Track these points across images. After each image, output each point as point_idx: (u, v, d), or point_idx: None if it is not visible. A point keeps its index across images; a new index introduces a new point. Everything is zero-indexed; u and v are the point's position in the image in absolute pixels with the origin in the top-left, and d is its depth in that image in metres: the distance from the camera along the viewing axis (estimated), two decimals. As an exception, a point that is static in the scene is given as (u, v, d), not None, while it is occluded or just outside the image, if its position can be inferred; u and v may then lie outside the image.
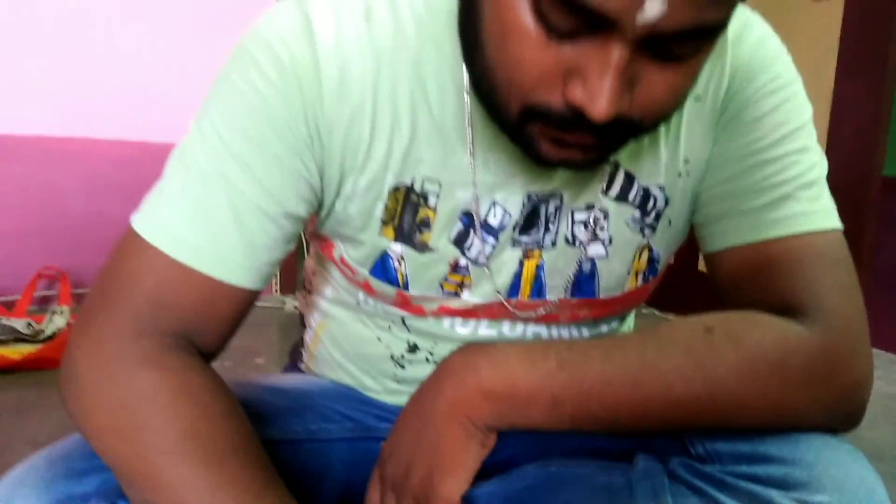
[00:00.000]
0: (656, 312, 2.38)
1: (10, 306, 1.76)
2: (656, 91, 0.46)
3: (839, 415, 0.56)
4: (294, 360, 0.82)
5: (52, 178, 1.91)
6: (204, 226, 0.53)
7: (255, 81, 0.54)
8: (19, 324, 1.58)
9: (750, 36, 0.61)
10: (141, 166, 1.96)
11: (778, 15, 1.84)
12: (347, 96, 0.54)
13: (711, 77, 0.60)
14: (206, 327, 0.55)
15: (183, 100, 1.99)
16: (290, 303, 2.09)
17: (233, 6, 2.05)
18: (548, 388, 0.54)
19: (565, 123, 0.47)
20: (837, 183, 1.71)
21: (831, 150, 1.73)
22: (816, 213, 0.59)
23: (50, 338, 1.58)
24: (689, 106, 0.61)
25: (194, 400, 0.51)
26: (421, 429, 0.56)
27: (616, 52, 0.43)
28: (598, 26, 0.42)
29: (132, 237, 0.54)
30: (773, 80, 0.60)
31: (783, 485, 0.50)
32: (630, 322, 0.78)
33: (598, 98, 0.43)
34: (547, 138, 0.49)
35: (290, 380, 0.75)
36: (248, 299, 0.56)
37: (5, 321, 1.58)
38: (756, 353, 0.54)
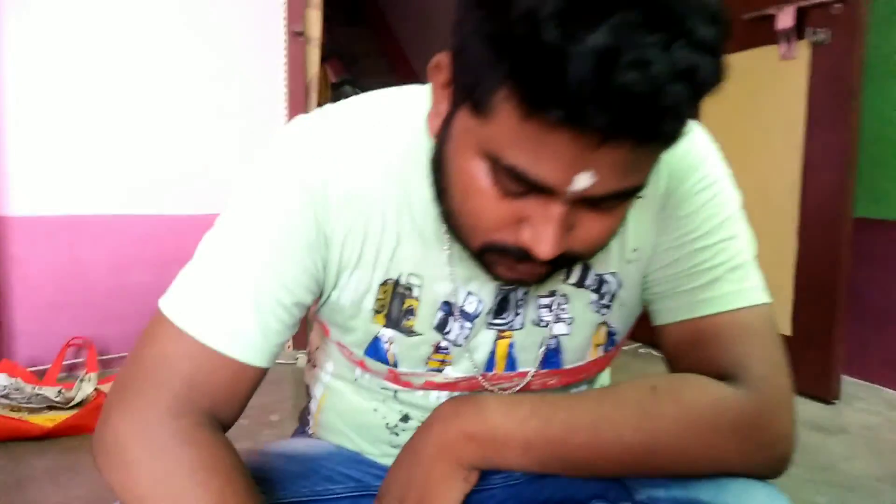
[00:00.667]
0: (639, 349, 2.47)
1: (41, 375, 1.87)
2: (591, 232, 0.57)
3: (763, 464, 0.64)
4: (303, 424, 0.92)
5: (79, 253, 2.04)
6: (231, 315, 0.61)
7: (277, 196, 0.64)
8: (51, 392, 1.68)
9: (681, 143, 0.72)
10: (159, 239, 2.09)
11: (751, 72, 1.96)
12: (349, 210, 0.65)
13: (653, 179, 0.69)
14: (230, 404, 0.63)
15: (194, 179, 2.13)
16: (303, 358, 2.19)
17: (237, 100, 2.20)
18: (521, 433, 0.63)
19: (518, 257, 0.57)
20: (814, 225, 1.79)
21: (807, 196, 1.82)
22: (744, 291, 0.68)
23: (79, 404, 1.68)
24: (637, 204, 0.69)
25: (222, 474, 0.59)
26: (413, 466, 0.65)
27: (556, 209, 0.53)
28: (540, 191, 0.52)
29: (164, 322, 0.62)
30: (701, 179, 0.70)
31: None
32: (605, 378, 0.87)
33: (543, 242, 0.54)
34: (502, 265, 0.59)
35: (300, 445, 0.82)
36: (261, 376, 0.66)
37: (38, 390, 1.68)
38: (692, 408, 0.63)
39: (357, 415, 0.79)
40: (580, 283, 0.71)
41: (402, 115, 0.67)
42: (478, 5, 0.49)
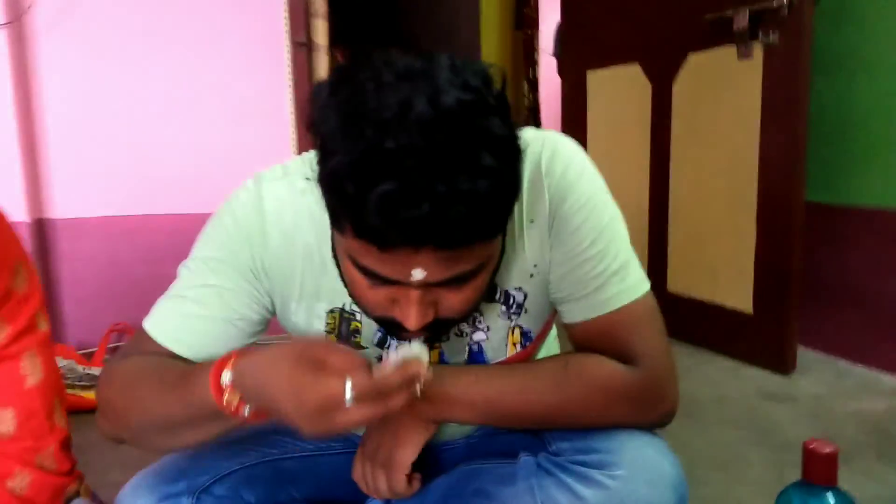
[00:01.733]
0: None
1: (89, 356, 2.14)
2: (453, 304, 0.72)
3: (647, 420, 0.84)
4: None
5: (117, 250, 2.29)
6: (192, 329, 0.82)
7: (223, 237, 0.84)
8: (98, 371, 1.95)
9: (556, 166, 0.81)
10: (184, 233, 2.32)
11: (712, 70, 2.12)
12: (286, 251, 0.83)
13: (538, 204, 0.83)
14: None
15: (213, 180, 2.34)
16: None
17: (249, 108, 2.40)
18: (466, 395, 0.82)
19: (400, 327, 0.71)
20: (770, 211, 1.98)
21: (763, 185, 1.99)
22: (625, 290, 0.83)
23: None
24: (528, 226, 0.83)
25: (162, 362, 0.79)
26: (385, 422, 0.84)
27: (412, 293, 0.68)
28: (393, 283, 0.67)
29: (144, 335, 0.83)
30: (577, 199, 0.81)
31: (600, 465, 0.79)
32: (548, 347, 1.03)
33: (409, 319, 0.69)
34: (397, 332, 0.74)
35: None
36: None
37: (87, 370, 1.96)
38: (592, 380, 0.82)
39: None
40: (489, 299, 0.87)
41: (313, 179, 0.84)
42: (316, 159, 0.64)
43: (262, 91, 2.39)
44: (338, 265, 0.79)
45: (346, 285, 0.79)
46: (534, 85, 4.92)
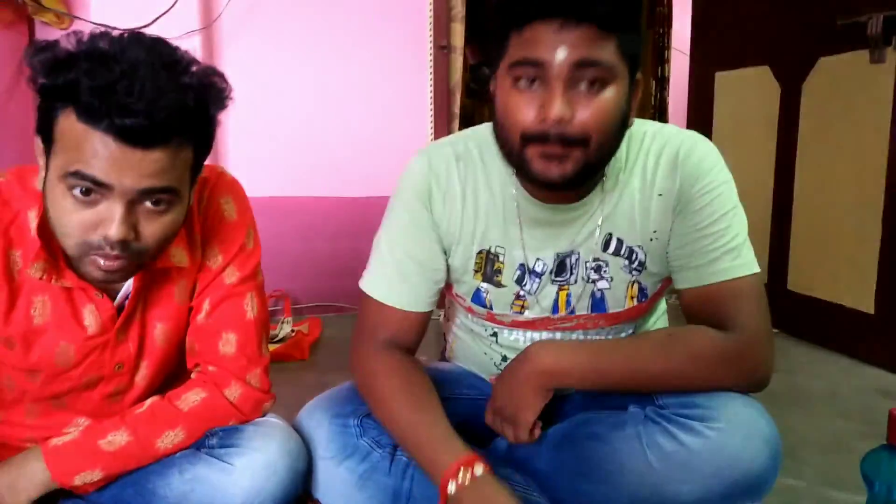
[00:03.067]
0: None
1: (251, 318, 2.46)
2: (585, 114, 0.84)
3: (745, 384, 0.96)
4: (442, 358, 1.33)
5: (276, 227, 2.59)
6: (396, 284, 1.05)
7: (405, 205, 1.05)
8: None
9: (693, 156, 0.97)
10: (337, 214, 2.61)
11: (844, 73, 2.12)
12: (448, 203, 1.03)
13: (668, 181, 0.97)
14: (409, 336, 1.08)
15: (359, 168, 2.60)
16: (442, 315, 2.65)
17: (393, 104, 2.65)
18: (578, 369, 0.97)
19: (543, 139, 0.85)
20: (895, 213, 1.94)
21: (889, 186, 1.99)
22: (735, 267, 0.95)
23: (282, 340, 2.23)
24: (656, 199, 0.98)
25: (404, 372, 1.02)
26: (510, 388, 1.01)
27: (556, 85, 0.83)
28: (543, 77, 0.84)
29: (368, 298, 1.07)
30: (707, 184, 0.95)
31: (701, 418, 0.93)
32: (656, 324, 1.17)
33: (553, 107, 0.83)
34: (538, 158, 0.87)
35: (445, 365, 1.26)
36: (426, 318, 1.09)
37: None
38: (695, 347, 0.95)
39: (475, 356, 1.19)
40: (616, 252, 1.02)
41: (482, 136, 1.04)
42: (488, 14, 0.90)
43: (407, 89, 2.63)
44: (496, 129, 0.95)
45: (502, 145, 0.94)
46: (662, 83, 4.91)
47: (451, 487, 0.90)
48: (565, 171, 0.87)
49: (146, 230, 0.83)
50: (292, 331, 2.27)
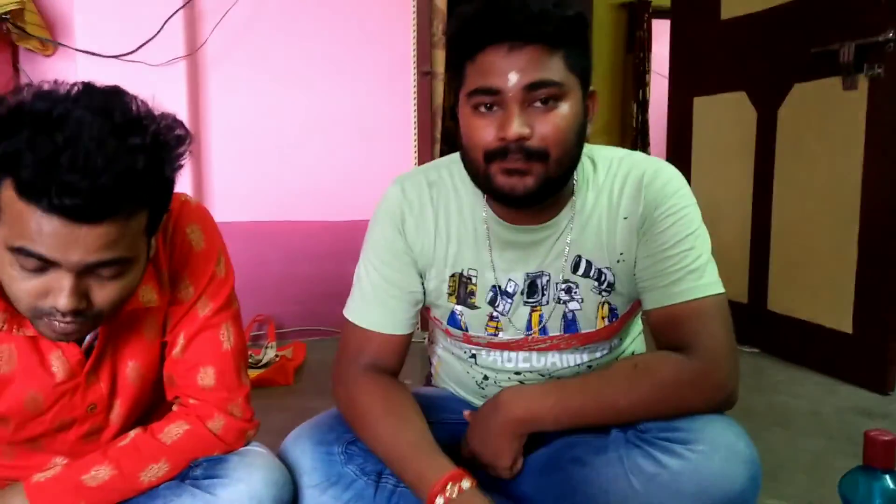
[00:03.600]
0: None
1: (235, 343, 2.45)
2: (544, 129, 0.89)
3: (711, 405, 0.97)
4: (427, 382, 1.36)
5: (260, 251, 2.59)
6: (375, 308, 1.07)
7: (381, 231, 1.08)
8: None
9: (657, 181, 0.99)
10: (321, 238, 2.61)
11: (818, 99, 2.18)
12: (421, 227, 1.06)
13: (633, 205, 0.99)
14: (391, 359, 1.09)
15: (342, 193, 2.61)
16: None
17: (376, 128, 2.67)
18: (550, 413, 0.99)
19: (503, 153, 0.90)
20: (872, 234, 2.00)
21: (864, 208, 2.04)
22: (698, 287, 0.96)
23: (266, 365, 2.22)
24: (621, 222, 1.01)
25: (387, 393, 1.04)
26: (486, 436, 1.02)
27: (512, 106, 0.88)
28: (499, 104, 0.89)
29: (351, 325, 1.09)
30: (670, 208, 0.98)
31: (682, 441, 0.93)
32: (632, 345, 1.19)
33: (509, 126, 0.88)
34: (500, 174, 0.92)
35: (429, 390, 1.27)
36: (406, 340, 1.11)
37: (236, 354, 2.25)
38: (658, 377, 0.97)
39: (458, 376, 1.20)
40: (585, 274, 1.05)
41: (454, 164, 1.06)
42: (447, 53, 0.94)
43: (391, 114, 2.66)
44: (463, 153, 1.00)
45: (467, 165, 0.99)
46: (643, 106, 4.99)
47: (440, 501, 0.91)
48: (528, 185, 0.92)
49: (98, 297, 0.80)
50: (276, 356, 2.27)
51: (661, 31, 4.53)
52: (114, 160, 0.72)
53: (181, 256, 1.00)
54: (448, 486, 0.92)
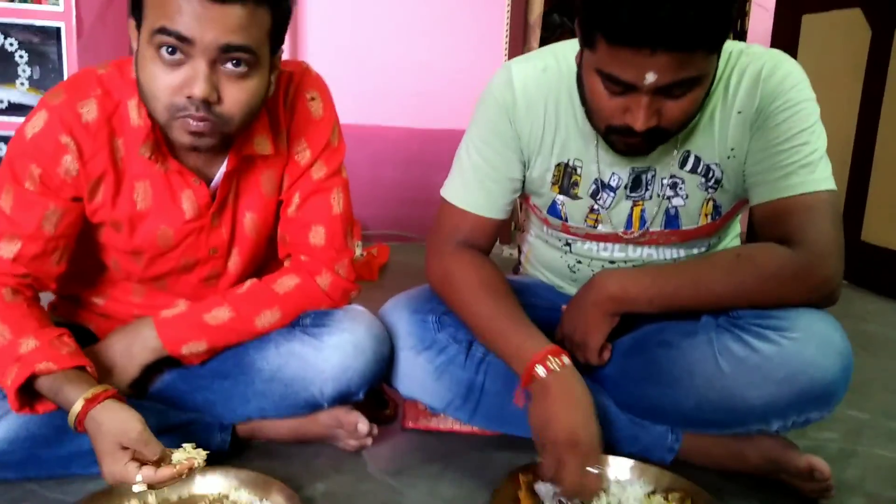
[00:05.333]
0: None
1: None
2: (674, 112, 0.88)
3: (813, 299, 0.96)
4: (515, 272, 1.39)
5: (347, 155, 2.65)
6: (474, 190, 1.08)
7: (487, 116, 1.07)
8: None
9: (776, 74, 0.96)
10: (408, 145, 2.66)
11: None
12: (531, 115, 1.05)
13: (748, 99, 0.97)
14: (482, 241, 1.11)
15: (431, 101, 2.63)
16: (507, 250, 2.70)
17: (467, 40, 2.65)
18: (644, 294, 1.00)
19: (625, 133, 0.90)
20: None
21: None
22: (808, 182, 0.94)
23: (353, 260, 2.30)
24: (735, 116, 0.98)
25: (482, 267, 1.06)
26: (578, 314, 1.05)
27: (642, 98, 0.85)
28: (630, 88, 0.85)
29: (444, 201, 1.11)
30: (786, 101, 0.95)
31: (776, 328, 0.94)
32: (729, 243, 1.17)
33: (637, 120, 0.86)
34: (619, 141, 0.93)
35: (519, 277, 1.30)
36: (499, 225, 1.12)
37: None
38: (762, 266, 0.96)
39: (549, 261, 1.22)
40: (692, 170, 1.03)
41: (567, 53, 1.05)
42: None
43: (483, 24, 2.64)
44: (582, 95, 0.98)
45: (587, 114, 0.98)
46: (740, 38, 4.76)
47: (540, 371, 0.94)
48: (641, 146, 0.94)
49: (227, 94, 0.86)
50: (362, 253, 2.34)
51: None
52: None
53: (301, 120, 1.05)
54: (549, 358, 0.94)
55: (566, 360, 0.95)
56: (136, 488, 0.84)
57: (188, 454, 0.87)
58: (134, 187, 0.99)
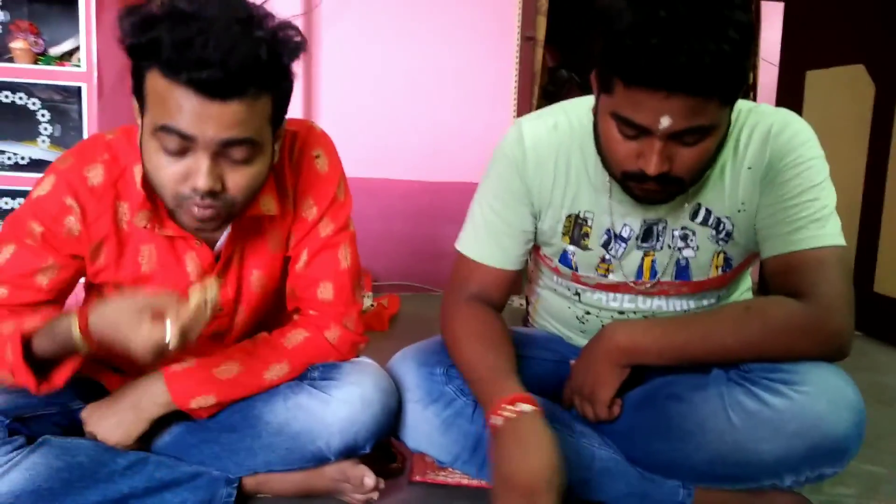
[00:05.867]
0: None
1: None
2: (686, 160, 0.88)
3: (824, 353, 0.95)
4: (524, 323, 1.39)
5: (358, 207, 2.65)
6: (487, 243, 1.10)
7: (499, 171, 1.09)
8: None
9: (785, 132, 0.98)
10: (418, 198, 2.69)
11: None
12: (540, 170, 1.07)
13: (758, 155, 0.99)
14: (496, 294, 1.12)
15: (441, 154, 2.67)
16: (517, 301, 2.69)
17: (477, 93, 2.71)
18: (654, 345, 1.00)
19: (640, 179, 0.91)
20: None
21: None
22: (819, 237, 0.95)
23: (363, 312, 2.30)
24: (745, 172, 1.00)
25: (484, 319, 1.07)
26: (588, 365, 1.05)
27: (656, 143, 0.86)
28: (644, 132, 0.86)
29: (459, 254, 1.13)
30: (796, 158, 0.97)
31: (787, 382, 0.94)
32: (741, 296, 1.17)
33: (650, 164, 0.87)
34: (635, 187, 0.93)
35: (525, 329, 1.30)
36: (513, 277, 1.13)
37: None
38: (772, 319, 0.95)
39: (557, 311, 1.22)
40: (704, 222, 1.05)
41: (577, 110, 1.07)
42: (598, 41, 0.87)
43: (492, 77, 2.69)
44: (597, 143, 0.99)
45: (603, 162, 0.99)
46: (747, 91, 4.83)
47: (496, 420, 0.93)
48: (657, 193, 0.95)
49: (231, 181, 0.88)
50: (372, 304, 2.35)
51: (769, 12, 4.34)
52: (240, 45, 0.81)
53: (307, 178, 1.07)
54: (504, 407, 0.93)
55: (525, 406, 0.93)
56: (170, 343, 0.80)
57: (200, 288, 0.85)
58: (139, 250, 1.00)
